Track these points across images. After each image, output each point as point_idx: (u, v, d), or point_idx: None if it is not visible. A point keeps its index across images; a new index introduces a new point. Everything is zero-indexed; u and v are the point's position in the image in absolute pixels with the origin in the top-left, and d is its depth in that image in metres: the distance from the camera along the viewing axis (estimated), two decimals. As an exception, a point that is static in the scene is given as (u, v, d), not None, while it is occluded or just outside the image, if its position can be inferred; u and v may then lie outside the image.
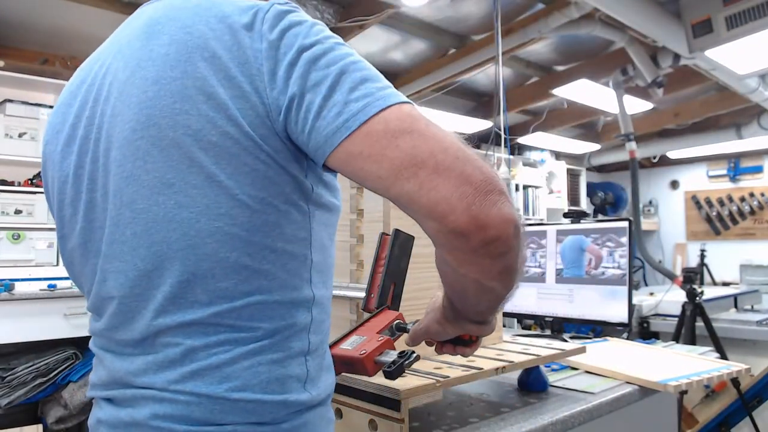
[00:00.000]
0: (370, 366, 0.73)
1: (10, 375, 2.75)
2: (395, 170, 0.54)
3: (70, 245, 0.71)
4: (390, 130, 0.55)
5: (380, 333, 0.80)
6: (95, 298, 0.69)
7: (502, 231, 0.53)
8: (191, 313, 0.61)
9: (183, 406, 0.60)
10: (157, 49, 0.62)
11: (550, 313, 1.72)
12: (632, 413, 1.24)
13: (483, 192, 0.53)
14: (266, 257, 0.61)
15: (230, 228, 0.59)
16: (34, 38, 3.42)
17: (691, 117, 5.15)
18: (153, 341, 0.62)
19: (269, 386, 0.61)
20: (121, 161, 0.62)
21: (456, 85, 4.35)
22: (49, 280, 3.00)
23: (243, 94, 0.59)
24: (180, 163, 0.59)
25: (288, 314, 0.64)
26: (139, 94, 0.61)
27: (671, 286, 3.34)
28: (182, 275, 0.60)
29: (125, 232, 0.63)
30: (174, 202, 0.60)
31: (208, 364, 0.60)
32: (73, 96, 0.72)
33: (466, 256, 0.56)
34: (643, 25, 2.92)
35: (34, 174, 3.28)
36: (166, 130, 0.59)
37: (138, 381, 0.63)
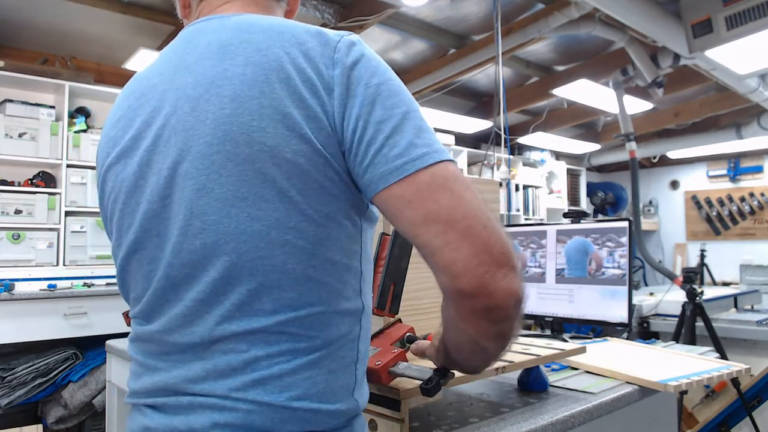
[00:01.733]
0: (385, 376, 0.80)
1: (10, 375, 2.75)
2: (429, 221, 0.59)
3: (124, 253, 0.73)
4: (434, 184, 0.60)
5: (393, 344, 0.85)
6: (152, 301, 0.69)
7: (504, 302, 0.58)
8: (256, 321, 0.63)
9: (244, 414, 0.61)
10: (232, 69, 0.64)
11: (550, 313, 1.72)
12: (632, 413, 1.24)
13: (498, 264, 0.58)
14: (327, 269, 0.65)
15: (297, 241, 0.63)
16: (34, 38, 3.42)
17: (691, 117, 5.15)
18: (212, 347, 0.64)
19: (325, 396, 0.64)
20: (194, 174, 0.64)
21: (456, 85, 4.35)
22: (49, 280, 3.01)
23: (315, 115, 0.62)
24: (254, 178, 0.62)
25: (343, 324, 0.67)
26: (216, 110, 0.63)
27: (671, 286, 3.34)
28: (250, 284, 0.63)
29: (194, 242, 0.64)
30: (246, 215, 0.62)
31: (270, 374, 0.62)
32: (134, 110, 0.73)
33: (468, 315, 0.61)
34: (643, 25, 2.92)
35: (34, 174, 3.28)
36: (242, 146, 0.62)
37: (195, 388, 0.64)
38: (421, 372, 0.78)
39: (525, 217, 5.75)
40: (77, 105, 3.51)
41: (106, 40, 3.50)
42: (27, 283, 2.97)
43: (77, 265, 3.26)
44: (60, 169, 3.27)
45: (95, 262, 3.31)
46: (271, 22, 0.68)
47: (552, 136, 5.57)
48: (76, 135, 3.32)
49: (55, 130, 3.25)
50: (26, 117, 3.19)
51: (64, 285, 3.02)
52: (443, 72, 3.84)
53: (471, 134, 5.41)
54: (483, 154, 5.24)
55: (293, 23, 0.68)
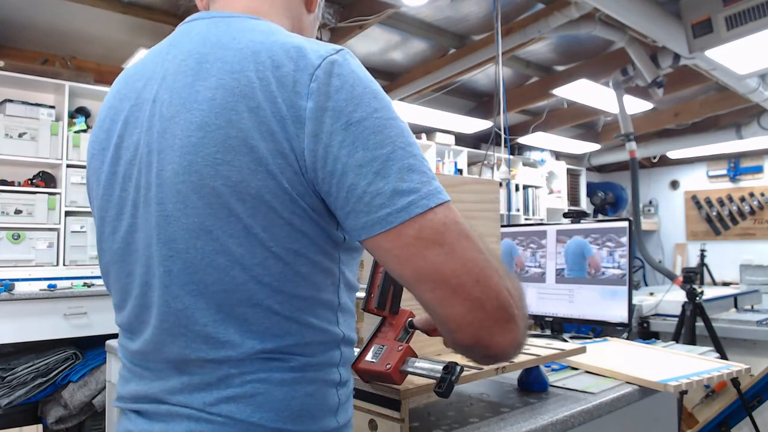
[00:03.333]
0: (397, 377, 0.80)
1: (10, 375, 2.75)
2: (418, 278, 0.57)
3: (106, 260, 0.73)
4: (422, 239, 0.57)
5: (397, 337, 0.85)
6: (132, 319, 0.70)
7: (502, 352, 0.59)
8: (224, 352, 0.62)
9: (219, 426, 0.61)
10: (203, 92, 0.61)
11: (550, 313, 1.72)
12: (632, 413, 1.23)
13: (494, 319, 0.57)
14: (296, 305, 0.63)
15: (263, 278, 0.61)
16: (34, 38, 3.42)
17: (691, 117, 5.15)
18: (187, 364, 0.64)
19: (300, 418, 0.63)
20: (162, 199, 0.63)
21: (456, 85, 4.35)
22: (49, 280, 3.00)
23: (282, 150, 0.58)
24: (219, 211, 0.60)
25: (318, 352, 0.65)
26: (183, 137, 0.61)
27: (671, 286, 3.33)
28: (216, 315, 0.62)
29: (159, 268, 0.64)
30: (212, 248, 0.61)
31: (243, 392, 0.62)
32: (117, 112, 0.72)
33: (469, 356, 0.62)
34: (643, 25, 2.92)
35: (34, 174, 3.28)
36: (206, 179, 0.60)
37: (173, 399, 0.64)
38: (431, 369, 0.78)
39: (525, 217, 5.75)
40: (77, 105, 3.51)
41: (106, 40, 3.50)
42: (27, 283, 2.97)
43: (77, 265, 3.26)
44: (60, 169, 3.27)
45: (95, 262, 3.30)
46: (252, 38, 0.63)
47: (552, 136, 5.57)
48: (76, 135, 3.32)
49: (55, 130, 3.25)
50: (26, 117, 3.19)
51: (64, 285, 3.02)
52: (443, 72, 3.84)
53: (471, 134, 5.41)
54: (483, 154, 5.24)
55: (276, 40, 0.62)
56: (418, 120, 4.72)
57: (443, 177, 1.52)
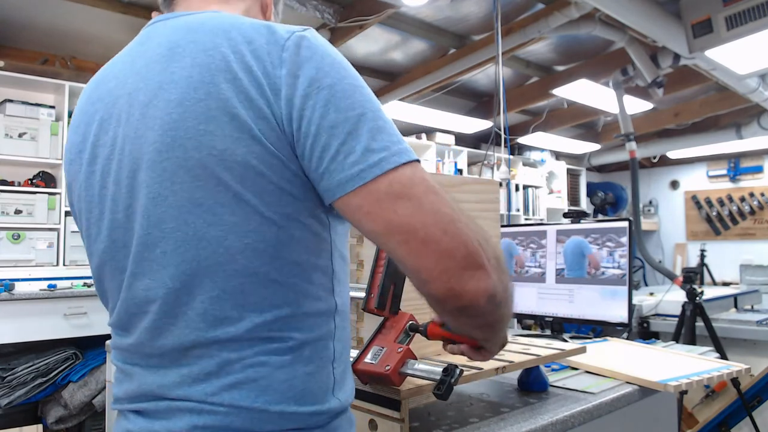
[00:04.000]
0: (396, 379, 0.80)
1: (10, 375, 2.75)
2: (388, 232, 0.58)
3: (96, 263, 0.73)
4: (392, 192, 0.58)
5: (397, 339, 0.85)
6: (122, 314, 0.69)
7: (473, 301, 0.59)
8: (222, 330, 0.62)
9: (222, 416, 0.61)
10: (179, 72, 0.63)
11: (550, 313, 1.72)
12: (632, 413, 1.23)
13: (462, 267, 0.58)
14: (292, 271, 0.64)
15: (258, 244, 0.61)
16: (34, 38, 3.42)
17: (691, 117, 5.15)
18: (185, 353, 0.64)
19: (303, 398, 0.64)
20: (149, 182, 0.63)
21: (456, 85, 4.35)
22: (49, 280, 3.00)
23: (264, 115, 0.60)
24: (207, 182, 0.60)
25: (315, 325, 0.66)
26: (163, 116, 0.62)
27: (671, 286, 3.33)
28: (212, 291, 0.62)
29: (154, 251, 0.64)
30: (203, 221, 0.61)
31: (245, 377, 0.62)
32: (90, 115, 0.73)
33: (445, 313, 0.64)
34: (643, 25, 2.91)
35: (34, 174, 3.28)
36: (191, 152, 0.60)
37: (172, 393, 0.64)
38: (430, 371, 0.78)
39: (525, 217, 5.75)
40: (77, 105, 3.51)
41: (106, 40, 3.50)
42: (27, 283, 2.96)
43: (77, 265, 3.26)
44: (60, 169, 3.26)
45: (95, 262, 3.30)
46: (221, 21, 0.65)
47: (552, 136, 5.57)
48: (76, 135, 3.32)
49: (55, 130, 3.25)
50: (26, 117, 3.19)
51: (64, 285, 3.02)
52: (443, 72, 3.84)
53: (471, 134, 5.41)
54: (483, 154, 5.24)
55: (244, 21, 0.65)
56: (418, 120, 4.72)
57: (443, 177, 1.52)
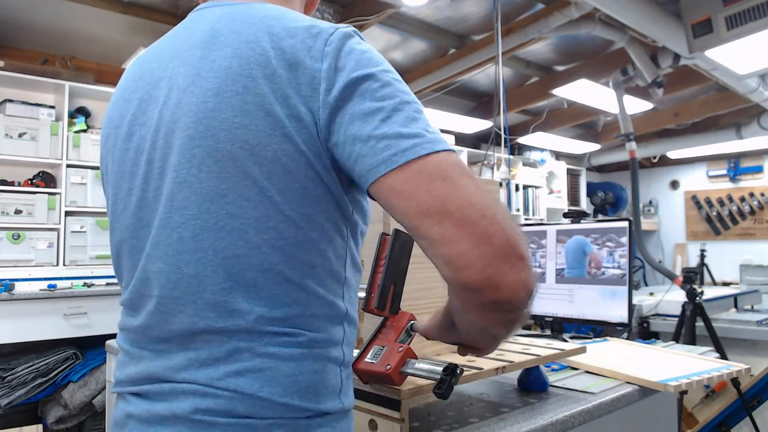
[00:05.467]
0: (397, 378, 0.80)
1: (10, 375, 2.75)
2: (422, 212, 0.56)
3: (117, 238, 0.73)
4: (426, 173, 0.57)
5: (398, 339, 0.85)
6: (134, 294, 0.70)
7: (513, 295, 0.54)
8: (233, 321, 0.62)
9: (226, 401, 0.61)
10: (219, 61, 0.63)
11: (550, 313, 1.72)
12: (632, 413, 1.23)
13: (502, 255, 0.53)
14: (306, 272, 0.64)
15: (276, 242, 0.62)
16: (34, 38, 3.42)
17: (691, 117, 5.15)
18: (194, 338, 0.64)
19: (307, 395, 0.63)
20: (176, 167, 0.64)
21: (456, 85, 4.35)
22: (49, 280, 3.00)
23: (298, 114, 0.61)
24: (234, 175, 0.61)
25: (323, 327, 0.66)
26: (199, 103, 0.63)
27: (671, 286, 3.34)
28: (225, 282, 0.62)
29: (172, 235, 0.64)
30: (225, 212, 0.61)
31: (252, 366, 0.62)
32: (131, 92, 0.73)
33: (474, 307, 0.57)
34: (643, 25, 2.92)
35: (34, 174, 3.28)
36: (223, 143, 0.61)
37: (177, 376, 0.64)
38: (431, 371, 0.78)
39: (525, 217, 5.75)
40: (77, 105, 3.51)
41: (106, 40, 3.50)
42: (27, 283, 2.97)
43: (77, 265, 3.26)
44: (60, 169, 3.27)
45: (95, 262, 3.31)
46: (265, 13, 0.66)
47: (552, 136, 5.57)
48: (76, 135, 3.32)
49: (55, 130, 3.25)
50: (26, 117, 3.19)
51: (64, 285, 3.02)
52: (443, 72, 3.84)
53: (471, 134, 5.41)
54: (483, 154, 5.24)
55: (289, 15, 0.66)
56: (418, 120, 4.71)
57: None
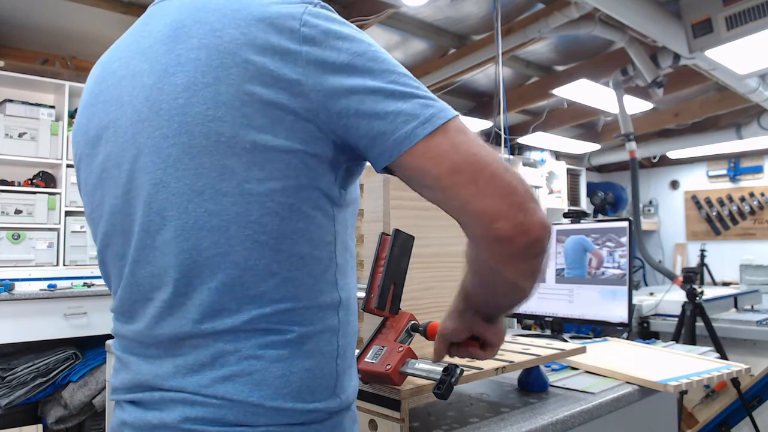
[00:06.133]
0: (397, 378, 0.80)
1: (10, 375, 2.75)
2: (453, 173, 0.58)
3: (99, 246, 0.72)
4: (449, 140, 0.60)
5: (398, 339, 0.85)
6: (125, 300, 0.68)
7: (540, 235, 0.59)
8: (221, 323, 0.61)
9: (216, 409, 0.60)
10: (185, 54, 0.61)
11: (550, 313, 1.72)
12: (632, 413, 1.23)
13: (525, 202, 0.59)
14: (294, 264, 0.62)
15: (260, 236, 0.60)
16: (34, 38, 3.42)
17: (691, 117, 5.15)
18: (181, 344, 0.62)
19: (300, 394, 0.62)
20: (151, 168, 0.62)
21: (456, 85, 4.35)
22: (49, 280, 3.00)
23: (278, 99, 0.59)
24: (211, 170, 0.59)
25: (317, 318, 0.64)
26: (170, 101, 0.61)
27: (671, 286, 3.34)
28: (211, 282, 0.60)
29: (156, 238, 0.63)
30: (204, 210, 0.60)
31: (239, 370, 0.60)
32: (95, 95, 0.71)
33: (507, 258, 0.61)
34: (643, 25, 2.91)
35: (34, 174, 3.28)
36: (198, 138, 0.59)
37: (166, 384, 0.62)
38: (430, 371, 0.78)
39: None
40: (77, 105, 3.50)
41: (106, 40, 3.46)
42: (27, 283, 2.97)
43: (77, 265, 3.26)
44: (60, 169, 3.26)
45: (95, 262, 3.28)
46: (228, 1, 0.63)
47: (552, 136, 5.57)
48: (76, 135, 3.32)
49: (55, 130, 3.25)
50: (26, 117, 3.19)
51: (64, 285, 3.02)
52: (443, 72, 3.84)
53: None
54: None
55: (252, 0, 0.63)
56: (418, 120, 4.71)
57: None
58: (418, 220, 1.08)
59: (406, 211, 1.07)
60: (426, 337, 0.87)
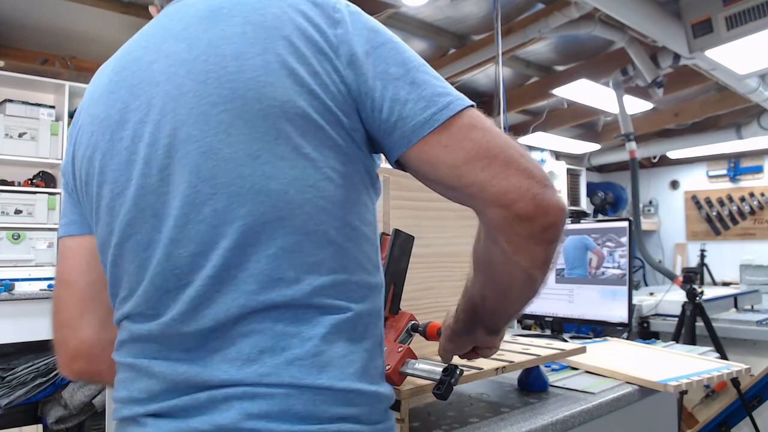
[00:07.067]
0: (397, 378, 0.80)
1: (10, 375, 2.75)
2: (471, 158, 0.60)
3: (117, 240, 0.65)
4: (466, 125, 0.61)
5: (398, 339, 0.85)
6: (150, 295, 0.62)
7: (558, 217, 0.60)
8: (278, 293, 0.58)
9: (282, 399, 0.56)
10: (230, 29, 0.62)
11: (550, 313, 1.72)
12: (632, 413, 1.23)
13: (543, 184, 0.60)
14: (348, 235, 0.62)
15: (318, 200, 0.59)
16: (34, 38, 3.42)
17: (691, 117, 5.15)
18: (231, 331, 0.58)
19: (364, 376, 0.60)
20: (199, 137, 0.59)
21: (456, 85, 4.32)
22: (49, 280, 3.00)
23: (319, 73, 0.61)
24: (266, 134, 0.58)
25: (367, 298, 0.63)
26: (218, 69, 0.60)
27: (671, 286, 3.34)
28: (269, 249, 0.58)
29: (203, 210, 0.59)
30: (261, 174, 0.58)
31: (304, 352, 0.57)
32: (114, 84, 0.68)
33: (523, 242, 0.61)
34: (643, 25, 2.92)
35: (34, 174, 3.28)
36: (251, 102, 0.59)
37: (216, 379, 0.57)
38: (430, 371, 0.78)
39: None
40: (77, 105, 3.50)
41: (106, 40, 3.50)
42: (27, 283, 2.97)
43: (77, 265, 3.26)
44: (60, 169, 3.26)
45: (95, 262, 3.30)
46: None
47: (552, 136, 5.57)
48: (76, 135, 3.32)
49: (55, 130, 3.25)
50: (26, 117, 3.19)
51: (64, 285, 3.01)
52: (443, 72, 3.84)
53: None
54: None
55: None
56: (418, 120, 4.72)
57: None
58: (418, 220, 1.08)
59: (406, 211, 1.07)
60: (426, 337, 0.87)
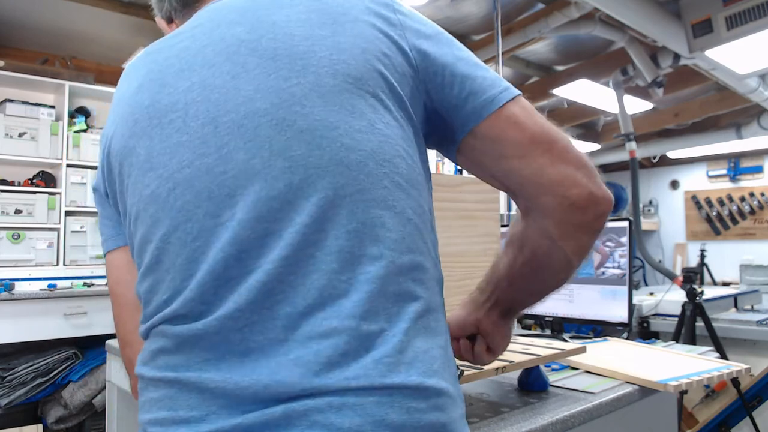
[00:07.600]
0: None
1: (10, 375, 2.75)
2: (535, 140, 0.62)
3: (165, 230, 0.59)
4: (528, 108, 0.64)
5: None
6: (203, 286, 0.55)
7: (608, 208, 0.63)
8: (362, 271, 0.54)
9: (373, 407, 0.49)
10: (295, 15, 0.62)
11: (550, 312, 1.72)
12: (632, 413, 1.23)
13: (594, 174, 0.63)
14: (421, 215, 0.61)
15: (394, 176, 0.59)
16: (34, 38, 3.42)
17: (691, 117, 5.15)
18: (305, 329, 0.52)
19: (445, 374, 0.55)
20: (270, 110, 0.57)
21: (456, 85, 4.35)
22: (49, 280, 3.01)
23: (387, 54, 0.62)
24: (341, 108, 0.58)
25: (433, 290, 0.60)
26: (288, 47, 0.59)
27: (671, 286, 3.33)
28: (350, 224, 0.54)
29: (276, 185, 0.55)
30: (340, 145, 0.56)
31: (391, 349, 0.52)
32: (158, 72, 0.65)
33: (573, 230, 0.63)
34: (643, 25, 2.92)
35: (34, 174, 3.28)
36: (325, 78, 0.58)
37: (290, 391, 0.50)
38: None
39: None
40: (77, 105, 3.51)
41: (106, 40, 3.50)
42: (27, 283, 2.97)
43: (77, 264, 3.26)
44: (60, 168, 3.26)
45: (95, 261, 3.30)
46: None
47: (552, 136, 5.57)
48: (76, 135, 3.32)
49: (55, 130, 3.25)
50: (26, 117, 3.19)
51: (64, 285, 3.02)
52: (443, 72, 3.84)
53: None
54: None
55: None
56: (418, 120, 4.72)
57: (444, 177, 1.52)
58: (418, 220, 1.08)
59: (406, 211, 1.07)
60: None
